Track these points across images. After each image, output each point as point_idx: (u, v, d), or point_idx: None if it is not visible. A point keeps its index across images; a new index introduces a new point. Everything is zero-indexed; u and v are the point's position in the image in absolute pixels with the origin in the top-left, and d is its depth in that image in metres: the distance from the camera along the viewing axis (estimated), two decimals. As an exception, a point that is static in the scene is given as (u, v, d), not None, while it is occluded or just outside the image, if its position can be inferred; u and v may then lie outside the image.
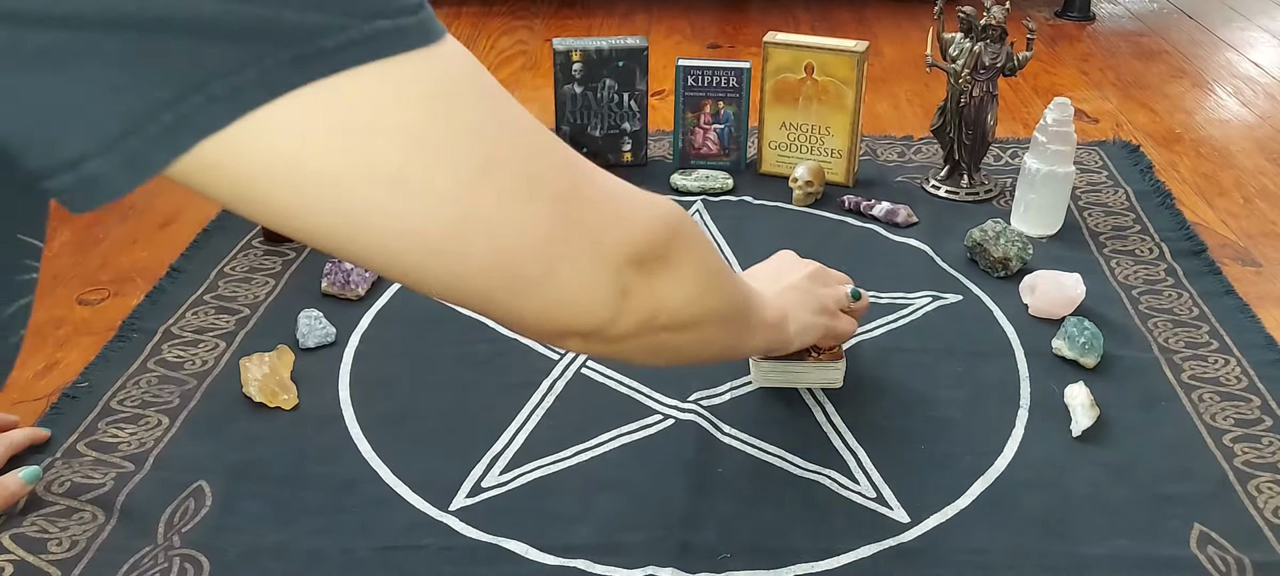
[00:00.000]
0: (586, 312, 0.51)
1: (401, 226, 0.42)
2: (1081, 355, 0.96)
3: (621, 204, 0.52)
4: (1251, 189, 1.35)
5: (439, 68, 0.41)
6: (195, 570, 0.74)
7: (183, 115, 0.35)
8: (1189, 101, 1.66)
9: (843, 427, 0.89)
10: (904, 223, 1.23)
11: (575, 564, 0.75)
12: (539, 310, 0.50)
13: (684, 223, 0.57)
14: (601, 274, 0.50)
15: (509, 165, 0.44)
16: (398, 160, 0.40)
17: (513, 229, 0.45)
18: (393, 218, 0.41)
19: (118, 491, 0.81)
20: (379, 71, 0.38)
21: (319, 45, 0.36)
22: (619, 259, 0.51)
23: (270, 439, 0.87)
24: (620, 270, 0.51)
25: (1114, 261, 1.15)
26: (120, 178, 0.35)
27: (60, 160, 0.34)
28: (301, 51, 0.36)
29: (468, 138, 0.42)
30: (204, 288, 1.08)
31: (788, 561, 0.75)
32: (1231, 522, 0.79)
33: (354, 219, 0.41)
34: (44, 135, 0.34)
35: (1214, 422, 0.89)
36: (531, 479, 0.83)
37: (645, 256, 0.53)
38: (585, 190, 0.49)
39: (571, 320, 0.51)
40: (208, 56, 0.34)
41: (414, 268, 0.44)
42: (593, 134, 1.34)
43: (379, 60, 0.38)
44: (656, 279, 0.54)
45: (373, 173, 0.40)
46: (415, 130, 0.40)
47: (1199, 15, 2.11)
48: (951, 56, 1.25)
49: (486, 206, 0.43)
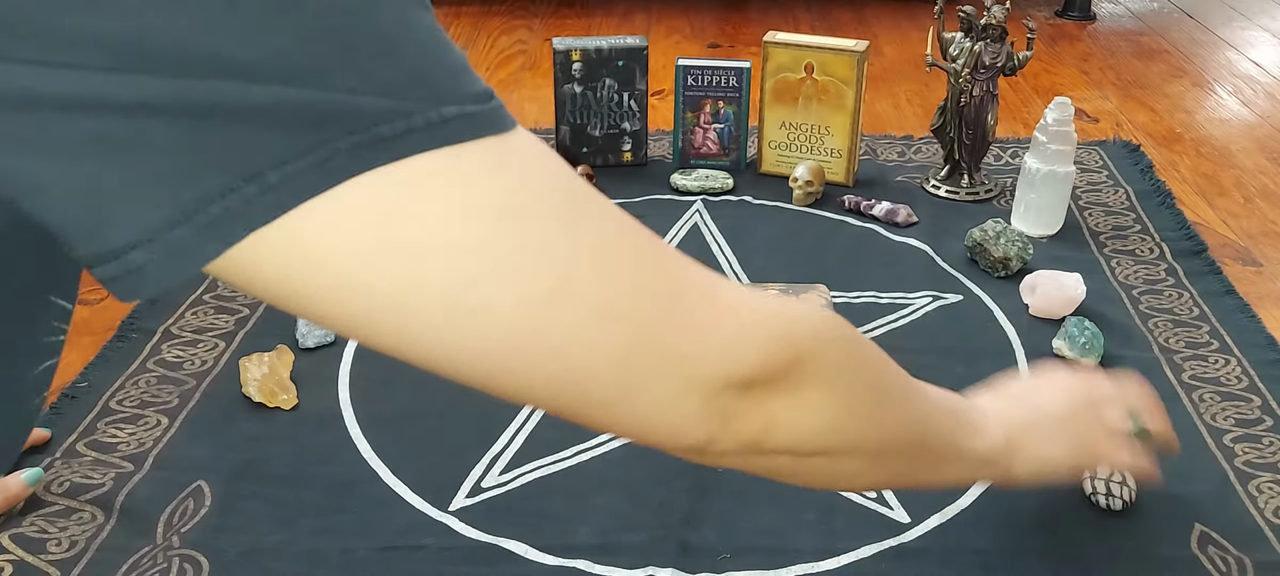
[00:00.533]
0: (676, 434, 0.46)
1: (456, 339, 0.39)
2: (1082, 355, 0.95)
3: (723, 322, 0.45)
4: (1252, 188, 1.35)
5: (510, 164, 0.38)
6: (195, 570, 0.74)
7: (232, 206, 0.33)
8: (1189, 101, 1.66)
9: (843, 427, 0.89)
10: (904, 222, 1.23)
11: (575, 564, 0.75)
12: (627, 429, 0.46)
13: (811, 343, 0.50)
14: (690, 400, 0.45)
15: (582, 289, 0.40)
16: (458, 269, 0.37)
17: (580, 354, 0.41)
18: (448, 331, 0.38)
19: (117, 491, 0.81)
20: (444, 161, 0.35)
21: (379, 132, 0.34)
22: (713, 385, 0.45)
23: (270, 439, 0.87)
24: (715, 396, 0.45)
25: (1114, 261, 1.15)
26: (166, 269, 0.33)
27: (106, 249, 0.33)
28: (361, 139, 0.34)
29: (537, 255, 0.38)
30: (203, 287, 1.08)
31: (788, 561, 0.75)
32: (1232, 522, 0.79)
33: (407, 328, 0.38)
34: (91, 223, 0.33)
35: (1214, 423, 0.89)
36: (531, 479, 0.83)
37: (748, 382, 0.46)
38: (679, 315, 0.44)
39: (661, 440, 0.47)
40: (261, 145, 0.33)
41: (473, 377, 0.41)
42: (593, 134, 1.34)
43: (444, 148, 0.35)
44: (768, 402, 0.48)
45: (429, 280, 0.37)
46: (479, 235, 0.37)
47: (1199, 15, 2.11)
48: (952, 56, 1.25)
49: (552, 332, 0.40)
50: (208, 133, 0.32)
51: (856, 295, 1.08)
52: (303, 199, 0.34)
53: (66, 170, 0.32)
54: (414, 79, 0.35)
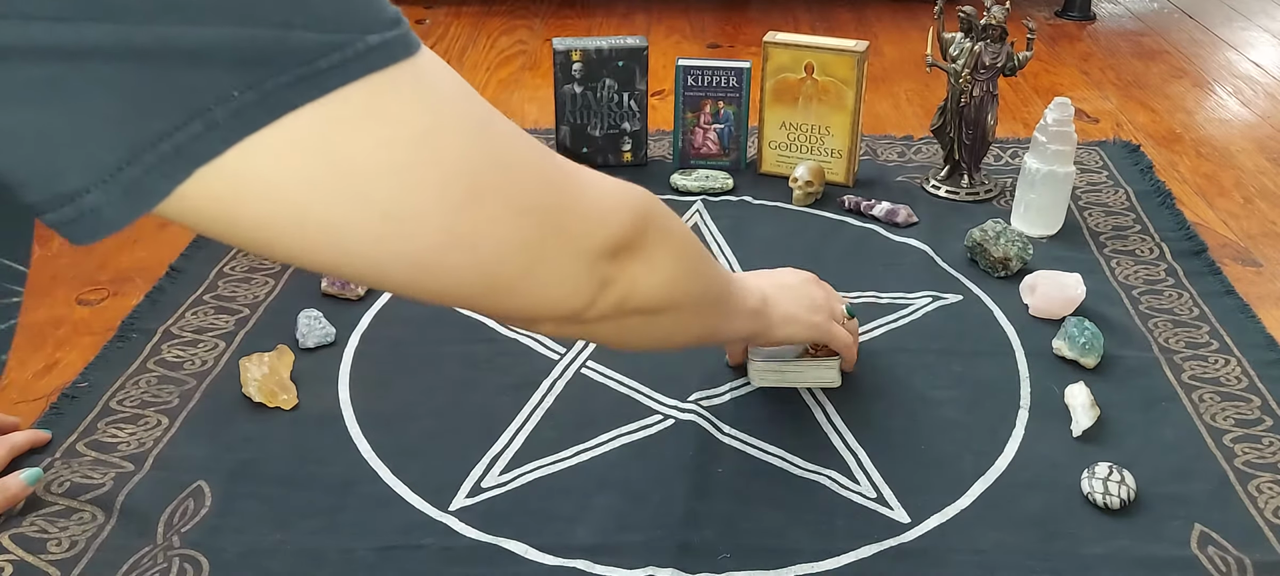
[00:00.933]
0: (563, 303, 0.53)
1: (392, 249, 0.43)
2: (1082, 355, 0.96)
3: (596, 201, 0.54)
4: (1251, 189, 1.35)
5: (426, 85, 0.41)
6: (195, 570, 0.74)
7: (181, 144, 0.34)
8: (1189, 101, 1.66)
9: (843, 427, 0.89)
10: (904, 223, 1.23)
11: (575, 564, 0.75)
12: (520, 305, 0.52)
13: (654, 210, 0.59)
14: (579, 270, 0.53)
15: (493, 188, 0.45)
16: (391, 186, 0.40)
17: (495, 243, 0.47)
18: (384, 242, 0.42)
19: (117, 491, 0.81)
20: (372, 88, 0.38)
21: (317, 66, 0.36)
22: (594, 254, 0.53)
23: (270, 439, 0.87)
24: (596, 264, 0.53)
25: (1114, 261, 1.15)
26: (120, 209, 0.35)
27: (59, 193, 0.34)
28: (301, 73, 0.36)
29: (458, 164, 0.43)
30: (203, 287, 1.08)
31: (788, 561, 0.75)
32: (1232, 523, 0.79)
33: (347, 245, 0.41)
34: (43, 168, 0.34)
35: (1214, 423, 0.89)
36: (531, 479, 0.83)
37: (619, 247, 0.55)
38: (564, 198, 0.51)
39: (550, 310, 0.53)
40: (206, 83, 0.34)
41: (400, 283, 0.46)
42: (593, 134, 1.34)
43: (369, 76, 0.38)
44: (630, 265, 0.56)
45: (366, 200, 0.40)
46: (408, 155, 0.41)
47: (1199, 15, 2.11)
48: (952, 56, 1.25)
49: (471, 227, 0.45)
50: (155, 74, 0.33)
51: (856, 295, 1.08)
52: (248, 133, 0.35)
53: (17, 117, 0.32)
54: (342, 11, 0.37)
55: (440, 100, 0.42)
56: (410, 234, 0.43)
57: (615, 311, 0.57)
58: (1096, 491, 0.79)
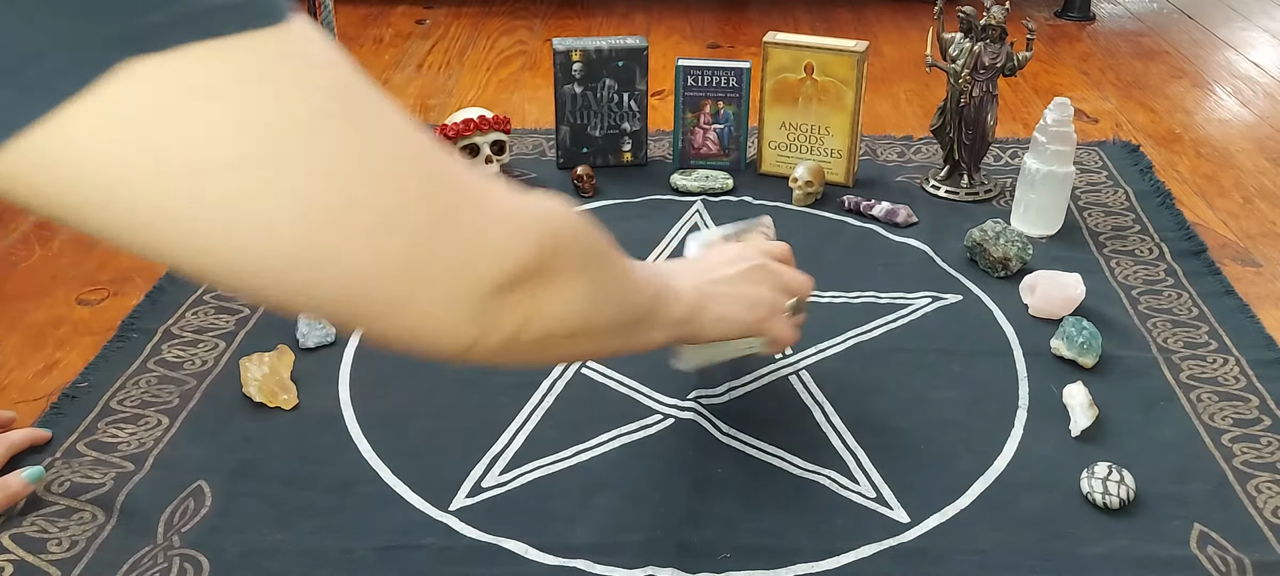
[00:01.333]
0: (443, 340, 0.47)
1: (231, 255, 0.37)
2: (1079, 355, 0.96)
3: (494, 224, 0.46)
4: (1251, 189, 1.35)
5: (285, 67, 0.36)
6: (195, 570, 0.74)
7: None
8: (1189, 101, 1.66)
9: (843, 428, 0.89)
10: (904, 223, 1.23)
11: (575, 564, 0.75)
12: (393, 335, 0.46)
13: (566, 231, 0.52)
14: (461, 306, 0.46)
15: (363, 201, 0.39)
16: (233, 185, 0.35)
17: (363, 265, 0.41)
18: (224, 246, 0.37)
19: (117, 491, 0.81)
20: (213, 59, 0.33)
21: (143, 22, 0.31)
22: (486, 289, 0.46)
23: (270, 439, 0.87)
24: (486, 300, 0.47)
25: (1114, 261, 1.15)
26: None
27: None
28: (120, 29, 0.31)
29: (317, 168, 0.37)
30: (204, 287, 1.08)
31: (788, 561, 0.75)
32: (1231, 522, 0.79)
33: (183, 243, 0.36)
34: None
35: (1213, 422, 0.89)
36: (531, 479, 0.83)
37: (517, 278, 0.48)
38: (455, 217, 0.44)
39: (427, 346, 0.47)
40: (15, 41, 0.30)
41: (248, 289, 0.40)
42: (593, 134, 1.34)
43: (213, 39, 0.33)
44: (533, 295, 0.50)
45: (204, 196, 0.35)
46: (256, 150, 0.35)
47: (1199, 15, 2.11)
48: (951, 56, 1.25)
49: (334, 244, 0.39)
50: None
51: (856, 295, 1.08)
52: (63, 98, 0.31)
53: None
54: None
55: (303, 84, 0.36)
56: (257, 244, 0.37)
57: (508, 344, 0.50)
58: (1096, 491, 0.80)
